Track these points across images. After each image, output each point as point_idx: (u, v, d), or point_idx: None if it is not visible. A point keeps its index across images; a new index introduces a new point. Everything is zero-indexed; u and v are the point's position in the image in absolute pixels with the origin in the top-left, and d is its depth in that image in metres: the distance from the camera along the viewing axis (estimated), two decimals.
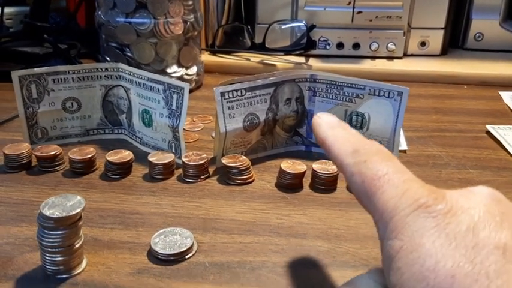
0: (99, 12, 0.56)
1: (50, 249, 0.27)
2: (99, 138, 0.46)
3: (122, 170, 0.39)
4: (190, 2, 0.56)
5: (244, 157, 0.40)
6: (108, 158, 0.39)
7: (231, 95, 0.40)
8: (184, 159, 0.39)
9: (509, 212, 0.20)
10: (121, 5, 0.53)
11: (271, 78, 0.41)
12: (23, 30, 0.65)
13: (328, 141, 0.25)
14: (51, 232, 0.26)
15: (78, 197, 0.27)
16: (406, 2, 0.69)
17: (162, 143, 0.42)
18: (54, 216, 0.26)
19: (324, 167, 0.38)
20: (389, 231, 0.21)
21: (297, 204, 0.36)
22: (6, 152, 0.39)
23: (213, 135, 0.48)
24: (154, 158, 0.39)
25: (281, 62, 0.69)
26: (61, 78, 0.43)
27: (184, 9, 0.56)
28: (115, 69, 0.44)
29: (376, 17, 0.69)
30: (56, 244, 0.27)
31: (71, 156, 0.39)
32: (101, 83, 0.44)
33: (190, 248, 0.30)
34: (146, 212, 0.35)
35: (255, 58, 0.70)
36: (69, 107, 0.44)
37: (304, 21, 0.66)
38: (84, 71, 0.43)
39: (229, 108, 0.40)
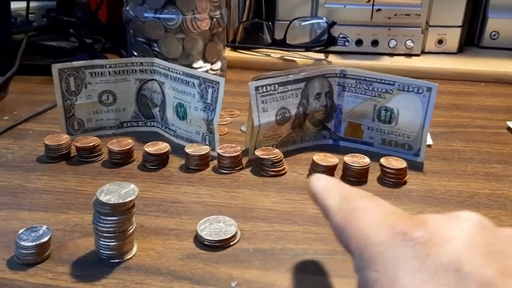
0: (127, 8, 0.57)
1: (105, 234, 0.28)
2: (133, 131, 0.47)
3: (160, 161, 0.41)
4: None
5: (276, 150, 0.41)
6: (146, 149, 0.40)
7: (264, 90, 0.41)
8: (219, 151, 0.41)
9: (496, 242, 0.19)
10: (150, 1, 0.54)
11: (302, 73, 0.43)
12: (49, 25, 0.66)
13: (317, 191, 0.26)
14: (107, 218, 0.28)
15: (132, 185, 0.29)
16: (425, 0, 0.70)
17: (196, 136, 0.44)
18: (111, 202, 0.27)
19: (355, 160, 0.40)
20: (365, 261, 0.19)
21: None
22: (47, 142, 0.41)
23: (242, 128, 0.49)
24: (191, 149, 0.41)
25: (301, 58, 0.70)
26: (98, 72, 0.44)
27: (211, 5, 0.57)
28: (150, 64, 0.45)
29: (395, 14, 0.70)
30: (111, 229, 0.28)
31: (110, 147, 0.40)
32: (135, 77, 0.46)
33: (235, 235, 0.31)
34: (187, 201, 0.36)
35: (275, 54, 0.71)
36: (105, 99, 0.45)
37: (324, 18, 0.67)
38: (120, 65, 0.44)
39: (262, 102, 0.41)
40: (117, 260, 0.29)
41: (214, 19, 0.58)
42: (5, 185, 0.37)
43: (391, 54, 0.72)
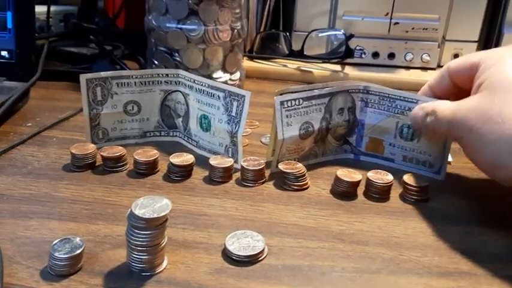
0: (150, 17, 0.58)
1: (138, 248, 0.29)
2: (155, 140, 0.48)
3: (184, 172, 0.41)
4: (238, 10, 0.58)
5: (300, 164, 0.41)
6: (171, 160, 0.41)
7: (289, 104, 0.41)
8: (243, 164, 0.41)
9: None
10: (173, 11, 0.55)
11: (327, 88, 0.43)
12: (70, 31, 0.67)
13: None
14: (141, 232, 0.28)
15: (165, 199, 0.29)
16: (443, 15, 0.70)
17: (219, 147, 0.44)
18: (145, 216, 0.28)
19: (379, 177, 0.40)
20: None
21: (355, 212, 0.38)
22: (73, 151, 0.41)
23: (263, 140, 0.50)
24: (215, 161, 0.41)
25: (318, 69, 0.70)
26: (125, 83, 0.44)
27: (232, 16, 0.57)
28: (175, 75, 0.46)
29: (413, 28, 0.70)
30: (144, 243, 0.29)
31: (136, 157, 0.41)
32: (160, 88, 0.46)
33: (263, 250, 0.32)
34: (213, 214, 0.36)
35: (292, 64, 0.71)
36: (130, 109, 0.45)
37: (342, 30, 0.68)
38: (146, 76, 0.45)
39: (287, 116, 0.41)
40: (148, 273, 0.29)
41: (235, 30, 0.58)
42: (34, 193, 0.37)
43: (407, 67, 0.73)
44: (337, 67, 0.71)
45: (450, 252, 0.33)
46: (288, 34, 0.71)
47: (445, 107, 0.37)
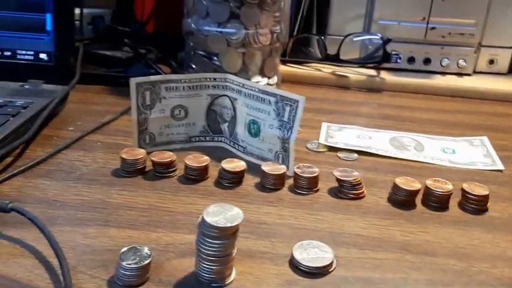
0: (189, 20, 0.57)
1: (209, 258, 0.28)
2: (200, 146, 0.47)
3: (236, 178, 0.40)
4: (278, 14, 0.57)
5: (356, 172, 0.40)
6: (223, 166, 0.40)
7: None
8: (297, 171, 0.40)
9: None
10: (214, 14, 0.54)
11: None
12: (104, 34, 0.66)
13: None
14: (213, 241, 0.27)
15: (236, 208, 0.28)
16: (480, 20, 0.69)
17: (268, 153, 0.43)
18: (219, 225, 0.27)
19: (438, 185, 0.39)
20: None
21: (416, 222, 0.36)
22: (124, 156, 0.40)
23: (308, 146, 0.49)
24: (268, 168, 0.40)
25: (353, 73, 0.69)
26: (173, 87, 0.43)
27: (273, 20, 0.56)
28: (223, 80, 0.45)
29: (449, 33, 0.69)
30: (215, 253, 0.28)
31: (187, 163, 0.40)
32: (207, 92, 0.45)
33: (332, 262, 0.31)
34: (272, 223, 0.35)
35: (326, 69, 0.70)
36: (177, 114, 0.45)
37: (379, 35, 0.67)
38: (194, 80, 0.44)
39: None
40: (218, 284, 0.28)
41: (275, 34, 0.57)
42: (87, 199, 0.37)
43: (443, 73, 0.71)
44: (373, 72, 0.70)
45: None
46: (322, 38, 0.70)
47: None
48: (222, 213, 0.28)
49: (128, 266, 0.28)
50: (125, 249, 0.29)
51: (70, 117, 0.52)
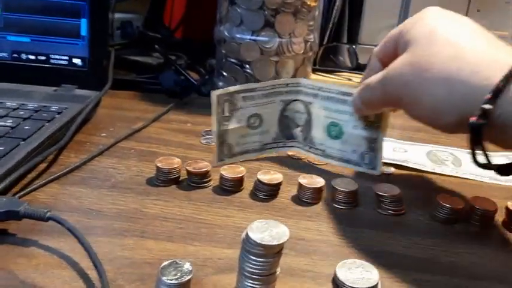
0: (221, 28, 0.57)
1: (253, 276, 0.27)
2: (273, 153, 0.46)
3: (272, 191, 0.39)
4: (312, 23, 0.57)
5: (396, 187, 0.39)
6: (259, 178, 0.39)
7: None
8: (335, 185, 0.39)
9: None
10: (248, 22, 0.54)
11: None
12: (135, 40, 0.66)
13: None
14: (258, 259, 0.26)
15: (281, 225, 0.27)
16: None
17: (351, 154, 0.43)
18: (264, 243, 0.26)
19: (481, 203, 0.37)
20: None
21: (460, 241, 0.35)
22: (159, 165, 0.40)
23: None
24: (305, 180, 0.39)
25: None
26: (250, 96, 0.43)
27: (307, 29, 0.56)
28: (295, 84, 0.44)
29: None
30: (259, 271, 0.27)
31: (223, 173, 0.39)
32: (281, 99, 0.45)
33: (378, 283, 0.29)
34: (311, 239, 0.34)
35: (356, 78, 0.69)
36: (253, 123, 0.44)
37: None
38: (268, 87, 0.44)
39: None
40: None
41: (308, 43, 0.57)
42: (123, 209, 0.36)
43: None
44: None
45: None
46: (353, 47, 0.69)
47: (376, 76, 0.37)
48: (267, 230, 0.27)
49: (168, 281, 0.27)
50: (165, 263, 0.28)
51: (102, 123, 0.52)
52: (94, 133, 0.49)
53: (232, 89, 0.42)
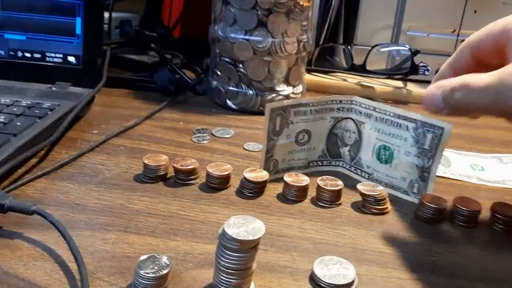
0: (215, 27, 0.57)
1: (229, 270, 0.27)
2: (317, 170, 0.45)
3: (258, 188, 0.39)
4: (305, 23, 0.57)
5: (380, 187, 0.39)
6: (246, 175, 0.39)
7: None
8: (320, 183, 0.39)
9: None
10: (242, 22, 0.54)
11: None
12: (132, 38, 0.67)
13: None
14: (233, 254, 0.27)
15: (258, 220, 0.28)
16: None
17: (400, 181, 0.41)
18: (240, 238, 0.26)
19: (465, 203, 0.37)
20: None
21: (443, 241, 0.35)
22: (146, 162, 0.40)
23: None
24: (290, 179, 0.40)
25: (379, 85, 0.68)
26: (301, 111, 0.42)
27: (300, 29, 0.56)
28: (348, 102, 0.43)
29: None
30: (235, 266, 0.27)
31: (209, 171, 0.40)
32: (331, 115, 0.43)
33: (354, 280, 0.30)
34: (293, 236, 0.34)
35: (352, 79, 0.69)
36: (301, 139, 0.43)
37: (408, 46, 0.66)
38: (322, 103, 0.43)
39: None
40: None
41: (302, 43, 0.57)
42: (109, 204, 0.37)
43: None
44: (399, 83, 0.69)
45: None
46: (349, 48, 0.69)
47: (478, 77, 0.31)
48: (244, 226, 0.27)
49: (145, 275, 0.27)
50: (143, 257, 0.28)
51: (95, 120, 0.52)
52: (86, 130, 0.50)
53: (286, 103, 0.41)
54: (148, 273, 0.27)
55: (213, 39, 0.58)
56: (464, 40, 0.38)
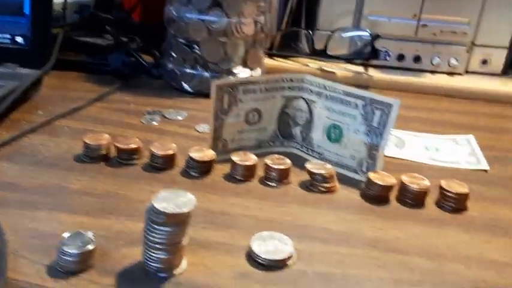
0: (170, 8, 0.55)
1: (156, 246, 0.26)
2: (269, 151, 0.43)
3: (204, 168, 0.38)
4: (263, 4, 0.55)
5: (329, 165, 0.38)
6: (191, 155, 0.38)
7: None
8: (268, 162, 0.38)
9: None
10: (196, 1, 0.52)
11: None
12: (86, 20, 0.65)
13: None
14: (161, 228, 0.25)
15: (189, 194, 0.26)
16: (473, 19, 0.67)
17: (350, 160, 0.40)
18: (167, 211, 0.25)
19: (414, 181, 0.37)
20: None
21: (388, 218, 0.35)
22: (86, 141, 0.38)
23: None
24: (237, 158, 0.38)
25: (340, 70, 0.67)
26: (251, 89, 0.40)
27: (257, 10, 0.55)
28: (299, 80, 0.42)
29: (441, 31, 0.67)
30: (163, 241, 0.26)
31: (153, 150, 0.38)
32: (283, 94, 0.42)
33: (291, 255, 0.29)
34: (235, 213, 0.33)
35: (313, 64, 0.69)
36: (251, 118, 0.42)
37: (368, 31, 0.65)
38: (272, 81, 0.41)
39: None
40: (166, 275, 0.27)
41: (259, 24, 0.56)
42: (43, 183, 0.35)
43: (433, 72, 0.70)
44: (360, 68, 0.68)
45: (497, 266, 0.30)
46: (310, 32, 0.68)
47: None
48: (173, 200, 0.26)
49: (68, 251, 0.26)
50: (67, 234, 0.27)
51: (42, 102, 0.50)
52: (31, 111, 0.48)
53: (233, 80, 0.39)
54: (70, 250, 0.26)
55: (168, 19, 0.56)
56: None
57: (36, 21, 0.53)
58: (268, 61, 0.70)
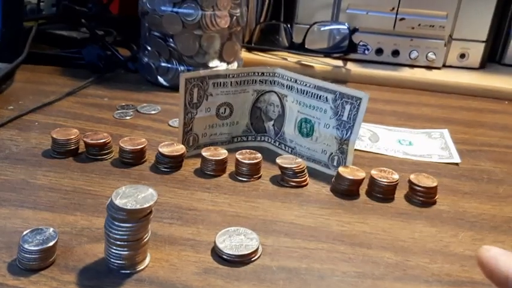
0: (144, 0, 0.55)
1: (117, 242, 0.26)
2: (242, 146, 0.43)
3: (174, 163, 0.38)
4: None
5: (300, 159, 0.38)
6: (160, 150, 0.38)
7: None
8: (238, 157, 0.38)
9: None
10: None
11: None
12: (61, 14, 0.64)
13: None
14: (121, 224, 0.25)
15: (150, 189, 0.26)
16: (451, 12, 0.68)
17: (321, 155, 0.40)
18: (127, 207, 0.25)
19: (383, 175, 0.37)
20: None
21: (356, 212, 0.35)
22: (54, 136, 0.38)
23: None
24: (207, 153, 0.38)
25: (319, 63, 0.67)
26: (221, 82, 0.40)
27: (232, 3, 0.54)
28: (271, 74, 0.41)
29: (419, 25, 0.68)
30: (124, 237, 0.26)
31: (122, 145, 0.38)
32: (254, 88, 0.42)
33: (256, 250, 0.29)
34: (203, 209, 0.33)
35: (292, 58, 0.69)
36: (222, 112, 0.41)
37: (347, 24, 0.65)
38: (242, 74, 0.41)
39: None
40: (128, 271, 0.26)
41: (234, 17, 0.55)
42: (8, 179, 0.34)
43: (412, 66, 0.70)
44: (339, 62, 0.68)
45: (462, 259, 0.30)
46: (289, 26, 0.68)
47: None
48: (134, 195, 0.26)
49: (28, 248, 0.25)
50: (27, 230, 0.27)
51: (13, 96, 0.49)
52: (1, 106, 0.47)
53: (202, 73, 0.39)
54: (31, 247, 0.26)
55: (142, 12, 0.56)
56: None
57: (7, 14, 0.53)
58: (246, 55, 0.70)
